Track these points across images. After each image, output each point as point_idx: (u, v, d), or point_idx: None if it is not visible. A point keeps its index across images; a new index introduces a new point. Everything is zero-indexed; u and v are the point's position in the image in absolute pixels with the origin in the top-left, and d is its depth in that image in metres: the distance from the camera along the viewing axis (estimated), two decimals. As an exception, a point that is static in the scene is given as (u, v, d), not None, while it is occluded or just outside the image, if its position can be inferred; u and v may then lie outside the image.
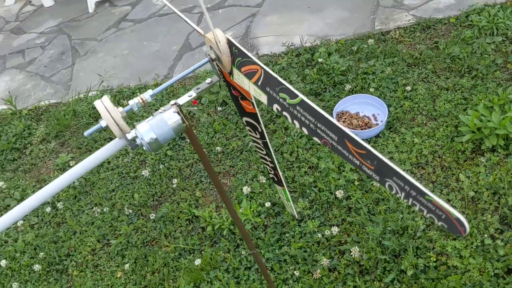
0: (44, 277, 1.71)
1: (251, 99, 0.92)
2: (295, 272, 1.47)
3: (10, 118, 2.52)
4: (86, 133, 0.81)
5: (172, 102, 0.82)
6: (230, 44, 0.72)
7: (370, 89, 1.98)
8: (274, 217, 1.65)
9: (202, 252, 1.62)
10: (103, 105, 0.77)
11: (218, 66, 0.84)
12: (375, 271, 1.43)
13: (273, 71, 2.09)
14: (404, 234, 1.47)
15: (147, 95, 0.81)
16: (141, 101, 0.81)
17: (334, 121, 0.59)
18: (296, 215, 1.59)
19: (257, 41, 2.53)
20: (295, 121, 0.65)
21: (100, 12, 3.33)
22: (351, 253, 1.46)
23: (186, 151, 1.99)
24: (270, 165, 1.15)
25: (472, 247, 1.40)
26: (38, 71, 2.90)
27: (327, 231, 1.53)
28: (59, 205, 1.94)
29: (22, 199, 2.04)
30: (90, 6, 3.36)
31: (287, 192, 1.18)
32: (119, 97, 2.40)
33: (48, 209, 1.94)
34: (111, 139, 2.10)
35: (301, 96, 0.62)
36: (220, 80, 0.89)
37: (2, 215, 0.94)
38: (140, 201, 1.85)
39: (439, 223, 0.52)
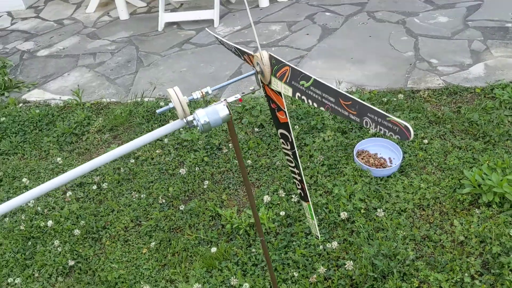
0: (81, 241, 1.99)
1: (284, 108, 1.18)
2: (295, 273, 1.69)
3: (74, 108, 2.88)
4: (158, 111, 1.09)
5: (223, 99, 1.10)
6: (270, 57, 1.00)
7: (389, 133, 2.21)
8: (286, 226, 1.89)
9: (218, 244, 1.86)
10: (174, 91, 1.06)
11: (261, 79, 1.12)
12: (363, 286, 1.63)
13: (324, 140, 2.38)
14: (394, 260, 1.67)
15: (205, 90, 1.09)
16: (201, 94, 1.10)
17: (332, 86, 0.85)
18: (319, 236, 1.79)
19: (300, 79, 2.82)
20: (309, 100, 0.92)
21: (168, 32, 3.73)
22: (346, 267, 1.67)
23: (220, 160, 2.27)
24: (298, 178, 1.38)
25: (452, 281, 1.59)
26: (105, 72, 3.28)
27: (329, 245, 1.76)
28: (104, 185, 2.24)
29: (73, 175, 2.35)
30: (160, 25, 3.77)
31: (311, 208, 1.40)
32: (171, 106, 2.72)
33: (94, 187, 2.24)
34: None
35: (313, 77, 0.89)
36: (260, 89, 1.16)
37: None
38: (173, 194, 2.12)
39: (396, 136, 0.76)
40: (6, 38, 4.16)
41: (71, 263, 1.90)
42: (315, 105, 0.92)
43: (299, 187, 1.39)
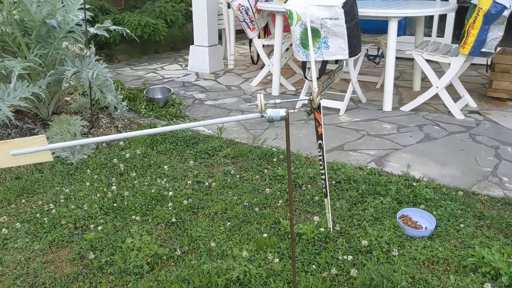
0: (185, 210, 2.84)
1: (321, 122, 1.92)
2: (313, 267, 2.29)
3: (215, 138, 3.89)
4: (248, 104, 1.94)
5: (285, 109, 1.90)
6: (319, 89, 1.79)
7: (434, 212, 2.72)
8: (323, 242, 2.50)
9: (270, 238, 2.55)
10: (260, 96, 1.89)
11: (312, 104, 1.89)
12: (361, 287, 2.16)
13: (381, 202, 2.99)
14: (389, 282, 2.17)
15: (278, 100, 1.91)
16: (274, 102, 1.91)
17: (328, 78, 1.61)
18: (331, 228, 2.39)
19: (386, 162, 3.45)
20: (323, 92, 1.69)
21: (302, 110, 4.66)
22: (351, 273, 2.22)
23: (297, 193, 2.99)
24: (323, 177, 2.08)
25: (425, 308, 2.04)
26: (244, 124, 4.30)
27: (346, 257, 2.33)
28: (213, 185, 3.10)
29: (196, 176, 3.28)
30: (298, 105, 4.73)
31: (329, 203, 2.06)
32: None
33: (206, 184, 3.12)
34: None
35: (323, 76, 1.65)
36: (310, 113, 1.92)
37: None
38: (255, 202, 2.89)
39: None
40: (188, 88, 5.54)
41: (173, 220, 2.75)
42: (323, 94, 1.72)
43: (324, 185, 2.07)
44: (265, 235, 2.53)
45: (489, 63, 4.72)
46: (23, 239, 2.62)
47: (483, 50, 4.09)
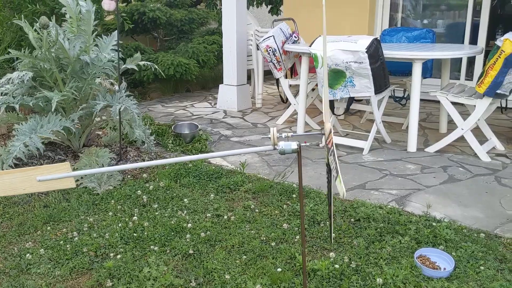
0: (203, 243, 2.87)
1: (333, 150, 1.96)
2: (326, 304, 2.27)
3: (237, 173, 3.95)
4: (263, 137, 2.00)
5: (297, 142, 1.95)
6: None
7: (453, 253, 2.67)
8: (337, 279, 2.48)
9: (284, 273, 2.55)
10: (273, 130, 1.96)
11: (325, 138, 1.94)
12: (371, 329, 2.13)
13: (400, 241, 2.99)
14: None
15: (290, 134, 1.97)
16: (287, 135, 1.97)
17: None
18: (342, 196, 2.33)
19: (408, 202, 3.42)
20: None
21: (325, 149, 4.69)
22: None
23: (315, 229, 2.99)
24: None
25: None
26: (268, 160, 4.35)
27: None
28: (232, 218, 3.14)
29: (216, 209, 3.33)
30: (322, 144, 4.77)
31: (341, 179, 2.06)
32: (301, 191, 3.58)
33: (226, 217, 3.16)
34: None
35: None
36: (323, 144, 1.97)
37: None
38: (273, 237, 2.90)
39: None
40: (215, 125, 5.68)
41: (191, 251, 2.79)
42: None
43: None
44: (279, 269, 2.54)
45: (503, 105, 4.70)
46: (45, 265, 2.70)
47: (498, 91, 4.07)
